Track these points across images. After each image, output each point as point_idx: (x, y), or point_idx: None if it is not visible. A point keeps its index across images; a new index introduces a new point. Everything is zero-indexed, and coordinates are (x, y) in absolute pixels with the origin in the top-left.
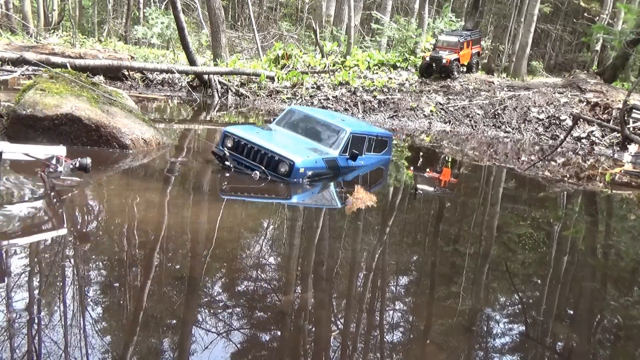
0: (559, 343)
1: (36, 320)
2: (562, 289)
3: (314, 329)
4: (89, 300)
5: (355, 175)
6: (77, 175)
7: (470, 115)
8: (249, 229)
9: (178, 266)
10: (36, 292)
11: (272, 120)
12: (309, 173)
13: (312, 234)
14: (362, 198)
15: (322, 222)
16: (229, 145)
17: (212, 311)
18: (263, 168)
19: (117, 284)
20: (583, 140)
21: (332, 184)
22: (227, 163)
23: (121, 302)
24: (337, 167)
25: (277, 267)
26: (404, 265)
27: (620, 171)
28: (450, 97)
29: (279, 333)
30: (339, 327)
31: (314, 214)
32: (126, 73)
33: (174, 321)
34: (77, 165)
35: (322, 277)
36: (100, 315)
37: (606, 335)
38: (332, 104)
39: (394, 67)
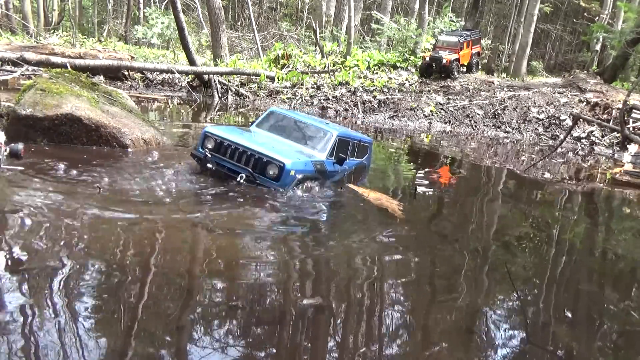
0: (560, 345)
1: None
2: (562, 288)
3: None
4: None
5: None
6: (16, 164)
7: (470, 116)
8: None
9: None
10: None
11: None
12: (299, 176)
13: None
14: (382, 198)
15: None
16: (210, 146)
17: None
18: (250, 170)
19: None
20: (583, 140)
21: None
22: (208, 165)
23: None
24: (325, 172)
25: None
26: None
27: (620, 171)
28: (450, 97)
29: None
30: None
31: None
32: (126, 73)
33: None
34: (8, 151)
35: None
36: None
37: (606, 337)
38: (332, 104)
39: (394, 67)
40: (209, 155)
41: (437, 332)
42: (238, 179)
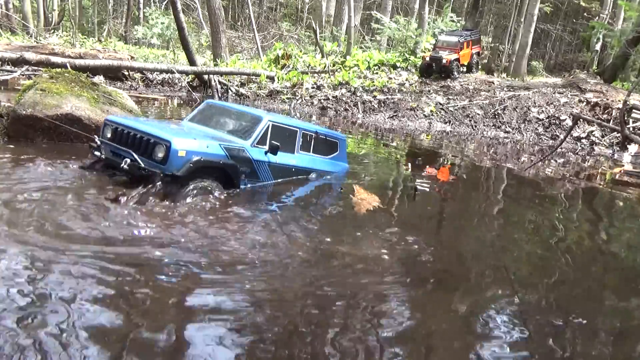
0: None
1: None
2: (562, 288)
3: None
4: None
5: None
6: None
7: (470, 115)
8: None
9: None
10: None
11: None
12: (196, 159)
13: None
14: (366, 199)
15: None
16: (109, 135)
17: None
18: (133, 153)
19: None
20: (583, 140)
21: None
22: (96, 153)
23: None
24: (248, 161)
25: None
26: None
27: (620, 171)
28: (450, 97)
29: None
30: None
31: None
32: (126, 73)
33: None
34: None
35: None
36: None
37: (606, 336)
38: (332, 104)
39: (394, 67)
40: (99, 142)
41: (436, 332)
42: (122, 165)
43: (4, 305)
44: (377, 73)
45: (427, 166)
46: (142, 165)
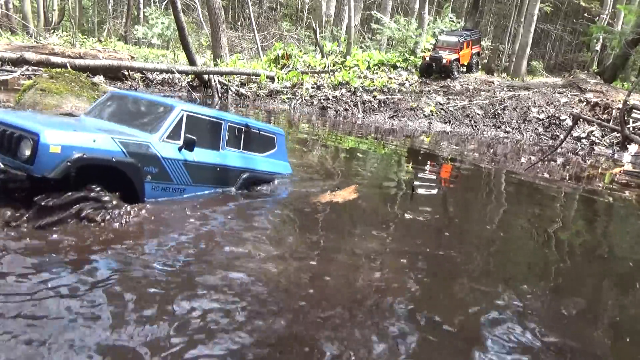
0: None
1: None
2: (562, 289)
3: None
4: None
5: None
6: None
7: (470, 115)
8: None
9: None
10: None
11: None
12: (75, 156)
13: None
14: (341, 194)
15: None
16: None
17: None
18: None
19: None
20: (583, 140)
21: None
22: None
23: None
24: (154, 158)
25: None
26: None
27: (620, 171)
28: (450, 97)
29: None
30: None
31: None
32: (126, 73)
33: None
34: None
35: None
36: None
37: (606, 335)
38: (332, 104)
39: (394, 67)
40: None
41: (434, 334)
42: None
43: None
44: (377, 73)
45: (427, 166)
46: (1, 166)
